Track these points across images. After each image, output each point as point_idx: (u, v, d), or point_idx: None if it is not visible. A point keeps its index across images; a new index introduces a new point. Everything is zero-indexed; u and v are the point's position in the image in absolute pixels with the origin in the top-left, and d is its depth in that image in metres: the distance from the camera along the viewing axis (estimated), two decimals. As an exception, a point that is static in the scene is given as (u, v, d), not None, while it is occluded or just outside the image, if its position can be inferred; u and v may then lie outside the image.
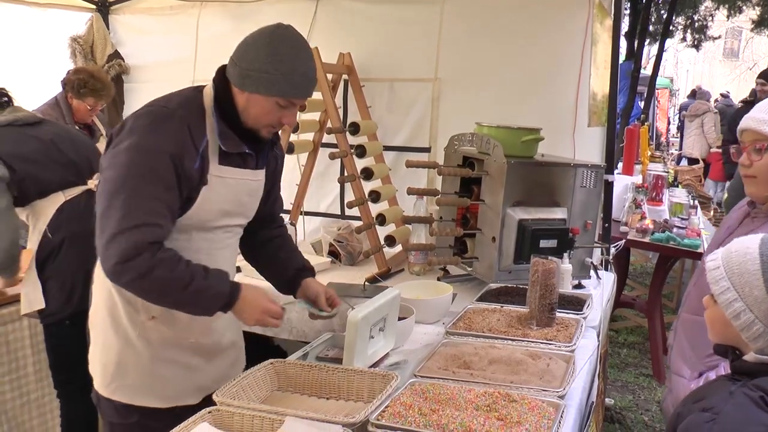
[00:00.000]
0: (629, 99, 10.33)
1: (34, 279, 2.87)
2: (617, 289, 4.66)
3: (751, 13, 15.20)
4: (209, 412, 1.77)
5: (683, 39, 14.69)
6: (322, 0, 4.13)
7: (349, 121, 3.53)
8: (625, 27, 10.90)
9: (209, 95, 1.99)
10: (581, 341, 2.25)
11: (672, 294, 6.27)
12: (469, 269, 2.97)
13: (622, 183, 5.23)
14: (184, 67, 4.58)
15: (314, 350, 2.31)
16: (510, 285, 2.76)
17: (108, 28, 4.88)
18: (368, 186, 3.37)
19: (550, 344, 2.17)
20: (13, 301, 3.00)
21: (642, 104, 12.10)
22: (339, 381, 2.00)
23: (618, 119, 6.63)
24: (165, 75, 4.73)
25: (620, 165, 5.90)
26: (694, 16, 14.23)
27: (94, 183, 2.96)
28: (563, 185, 2.89)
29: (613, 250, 3.39)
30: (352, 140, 3.47)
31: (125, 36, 4.94)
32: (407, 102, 4.00)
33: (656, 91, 15.52)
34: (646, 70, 13.71)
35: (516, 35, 3.71)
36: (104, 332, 2.09)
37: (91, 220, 2.84)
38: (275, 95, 1.92)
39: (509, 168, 2.74)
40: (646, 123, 8.57)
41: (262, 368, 2.03)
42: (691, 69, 32.03)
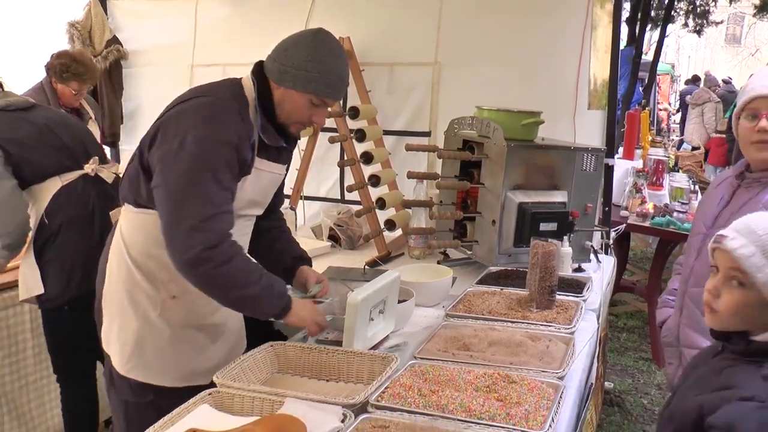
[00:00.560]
0: (630, 84, 10.30)
1: (32, 264, 2.85)
2: (617, 274, 4.67)
3: (754, -1, 15.12)
4: (209, 394, 1.78)
5: (685, 24, 14.60)
6: (322, -16, 4.11)
7: (349, 106, 3.52)
8: (627, 12, 10.83)
9: (250, 88, 2.06)
10: (581, 324, 2.26)
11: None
12: (469, 252, 2.97)
13: (623, 167, 5.22)
14: (183, 52, 4.55)
15: (314, 333, 2.32)
16: (510, 268, 2.76)
17: (106, 13, 4.84)
18: (368, 170, 3.37)
19: (550, 326, 2.18)
20: (15, 286, 2.99)
21: (643, 90, 12.07)
22: (339, 363, 2.01)
23: (619, 105, 6.63)
24: (163, 60, 4.71)
25: (621, 150, 5.89)
26: (696, 2, 14.14)
27: (91, 167, 2.94)
28: (563, 169, 2.89)
29: (614, 234, 3.39)
30: (352, 124, 3.46)
31: (123, 21, 4.90)
32: (407, 86, 3.99)
33: (657, 77, 15.47)
34: (648, 56, 13.66)
35: (516, 19, 3.69)
36: (122, 312, 2.11)
37: (89, 206, 2.88)
38: (310, 92, 2.01)
39: (509, 151, 2.73)
40: (647, 108, 8.54)
41: (262, 350, 2.03)
42: (693, 55, 31.90)
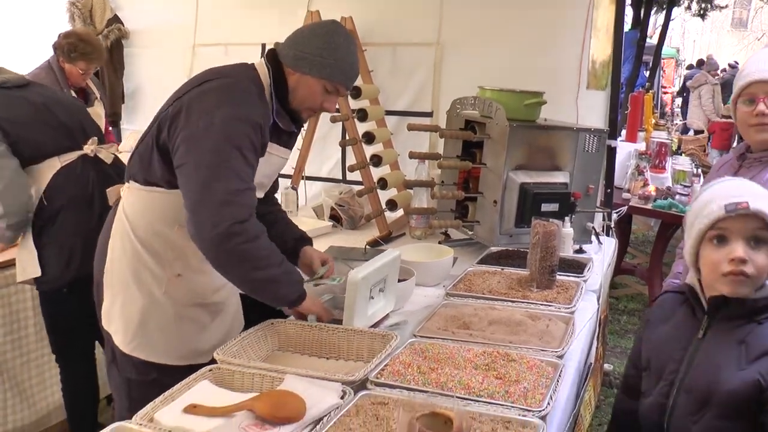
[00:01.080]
0: (634, 68, 10.24)
1: (30, 246, 2.82)
2: (618, 256, 4.67)
3: (762, -18, 14.98)
4: (210, 370, 1.78)
5: (688, 8, 14.47)
6: (324, -36, 4.07)
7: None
8: (631, -5, 10.73)
9: (265, 74, 2.09)
10: (581, 304, 2.26)
11: (673, 262, 6.27)
12: (470, 233, 2.97)
13: (625, 150, 5.20)
14: (185, 31, 4.52)
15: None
16: (511, 248, 2.76)
17: (107, -8, 4.82)
18: (370, 150, 3.36)
19: (550, 306, 2.18)
20: (15, 264, 3.00)
21: (647, 74, 12.01)
22: (339, 341, 2.01)
23: (622, 88, 6.59)
24: (165, 39, 4.67)
25: (624, 132, 5.87)
26: (701, -15, 14.00)
27: (90, 148, 2.91)
28: (565, 149, 2.88)
29: (615, 216, 3.38)
30: (354, 104, 3.45)
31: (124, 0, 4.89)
32: (409, 66, 3.97)
33: (662, 61, 15.39)
34: (652, 40, 13.58)
35: (519, -1, 3.67)
36: (126, 290, 2.12)
37: (88, 187, 2.85)
38: (325, 78, 2.07)
39: (511, 131, 2.72)
40: (651, 91, 8.50)
41: (262, 328, 2.04)
42: (698, 39, 31.72)
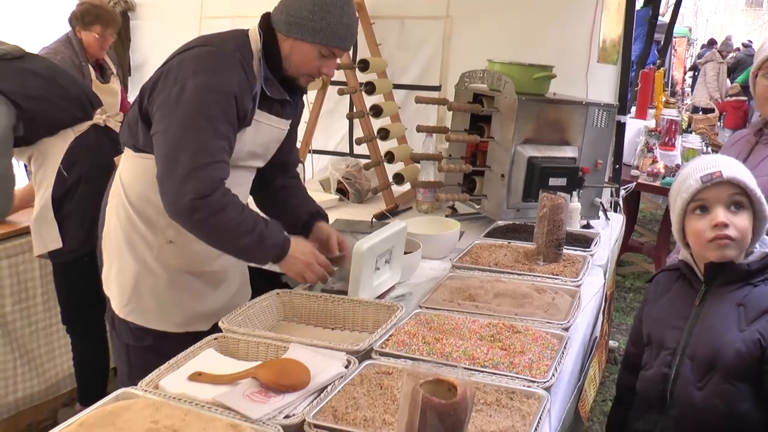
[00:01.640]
0: (646, 45, 10.10)
1: (49, 218, 2.83)
2: (625, 234, 4.64)
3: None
4: (215, 339, 1.79)
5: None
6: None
7: (359, 58, 3.48)
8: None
9: (256, 40, 2.04)
10: (587, 278, 2.25)
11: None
12: (477, 207, 2.96)
13: (635, 127, 5.16)
14: (191, 4, 4.50)
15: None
16: (518, 222, 2.75)
17: (112, -38, 4.78)
18: (377, 124, 3.34)
19: (556, 279, 2.17)
20: (23, 233, 3.01)
21: (658, 52, 11.87)
22: (344, 312, 2.01)
23: (633, 67, 6.51)
24: (171, 11, 4.65)
25: (633, 110, 5.81)
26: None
27: (101, 118, 2.92)
28: (574, 124, 2.86)
29: (623, 192, 3.36)
30: (362, 77, 3.42)
31: (130, -30, 4.85)
32: (418, 40, 3.93)
33: (674, 40, 15.21)
34: (664, 18, 13.40)
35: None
36: (120, 255, 2.13)
37: (104, 156, 2.85)
38: (319, 43, 2.00)
39: (520, 105, 2.70)
40: (662, 68, 8.41)
41: (268, 298, 2.04)
42: (711, 18, 31.31)
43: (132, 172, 2.11)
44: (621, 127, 3.36)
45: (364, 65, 3.31)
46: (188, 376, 1.60)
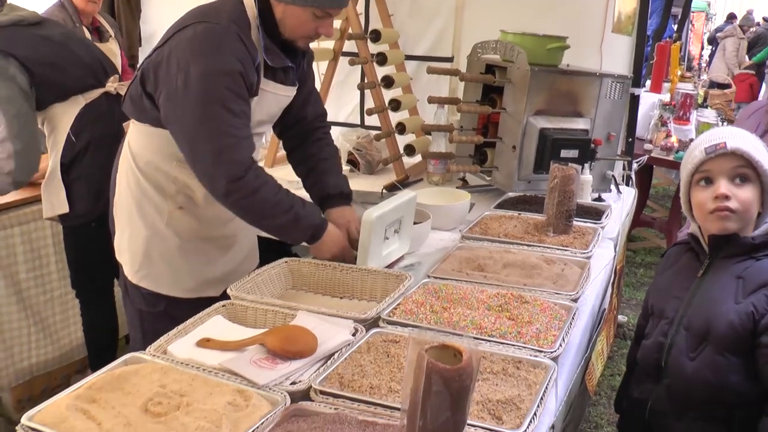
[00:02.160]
0: (662, 19, 9.95)
1: (58, 183, 2.86)
2: (637, 208, 4.62)
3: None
4: (223, 306, 1.80)
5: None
6: None
7: (371, 29, 3.45)
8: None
9: (252, 7, 1.99)
10: (597, 250, 2.24)
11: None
12: (488, 179, 2.95)
13: (649, 101, 5.10)
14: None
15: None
16: (529, 194, 2.74)
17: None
18: (389, 95, 3.32)
19: (566, 250, 2.16)
20: (35, 200, 3.03)
21: (675, 27, 11.69)
22: (353, 281, 2.02)
23: (649, 41, 6.41)
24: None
25: (648, 84, 5.74)
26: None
27: (113, 86, 2.92)
28: (587, 95, 2.82)
29: (636, 166, 3.33)
30: (373, 48, 3.39)
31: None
32: (430, 10, 3.88)
33: (691, 14, 14.97)
34: (682, -9, 13.17)
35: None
36: (131, 221, 2.15)
37: (114, 123, 2.86)
38: (311, 6, 1.95)
39: (533, 75, 2.67)
40: (678, 42, 8.29)
41: (277, 266, 2.04)
42: (731, -9, 30.77)
43: (140, 141, 2.11)
44: (635, 100, 3.33)
45: (376, 36, 3.27)
46: (196, 342, 1.61)
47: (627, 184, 3.29)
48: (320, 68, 3.77)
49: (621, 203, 2.97)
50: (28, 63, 2.69)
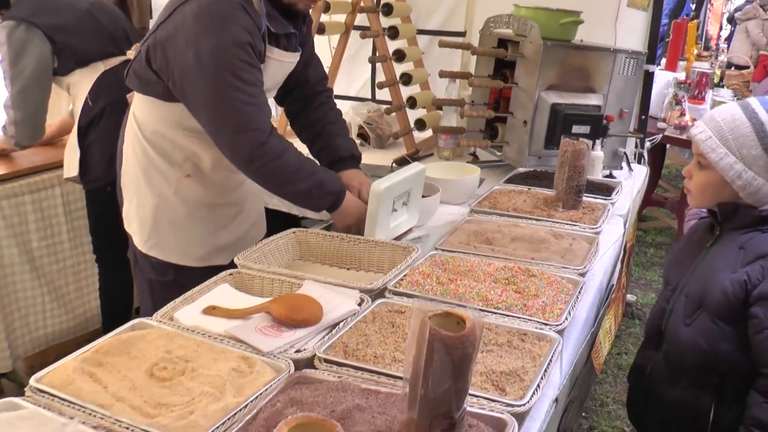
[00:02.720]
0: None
1: (74, 145, 2.94)
2: (649, 187, 4.59)
3: None
4: (230, 274, 1.81)
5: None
6: None
7: (383, 2, 3.41)
8: None
9: None
10: (607, 226, 2.23)
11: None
12: (499, 154, 2.93)
13: (664, 79, 5.03)
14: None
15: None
16: (539, 169, 2.72)
17: None
18: (400, 69, 3.29)
19: (575, 225, 2.15)
20: (44, 169, 3.05)
21: (693, 5, 11.52)
22: (360, 252, 2.02)
23: (666, 20, 6.31)
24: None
25: (663, 62, 5.66)
26: None
27: (134, 54, 2.94)
28: (600, 71, 2.79)
29: (648, 144, 3.30)
30: (385, 22, 3.36)
31: None
32: (443, -16, 3.84)
33: (710, -7, 14.74)
34: (701, -32, 12.96)
35: None
36: (139, 191, 2.15)
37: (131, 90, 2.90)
38: None
39: (545, 50, 2.64)
40: (696, 20, 8.18)
41: (284, 236, 2.05)
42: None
43: (145, 111, 2.11)
44: (649, 77, 3.28)
45: (388, 9, 3.24)
46: (202, 310, 1.62)
47: (639, 162, 3.25)
48: (332, 42, 3.76)
49: (632, 181, 2.94)
50: (51, 31, 2.79)
